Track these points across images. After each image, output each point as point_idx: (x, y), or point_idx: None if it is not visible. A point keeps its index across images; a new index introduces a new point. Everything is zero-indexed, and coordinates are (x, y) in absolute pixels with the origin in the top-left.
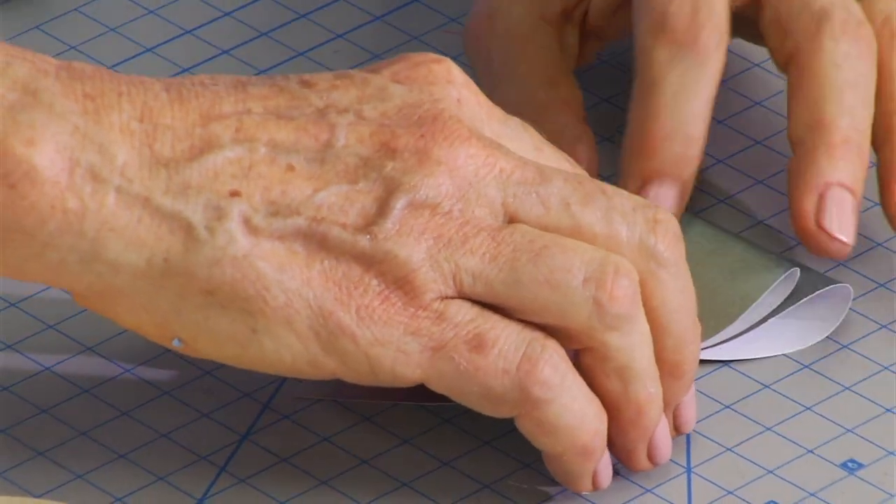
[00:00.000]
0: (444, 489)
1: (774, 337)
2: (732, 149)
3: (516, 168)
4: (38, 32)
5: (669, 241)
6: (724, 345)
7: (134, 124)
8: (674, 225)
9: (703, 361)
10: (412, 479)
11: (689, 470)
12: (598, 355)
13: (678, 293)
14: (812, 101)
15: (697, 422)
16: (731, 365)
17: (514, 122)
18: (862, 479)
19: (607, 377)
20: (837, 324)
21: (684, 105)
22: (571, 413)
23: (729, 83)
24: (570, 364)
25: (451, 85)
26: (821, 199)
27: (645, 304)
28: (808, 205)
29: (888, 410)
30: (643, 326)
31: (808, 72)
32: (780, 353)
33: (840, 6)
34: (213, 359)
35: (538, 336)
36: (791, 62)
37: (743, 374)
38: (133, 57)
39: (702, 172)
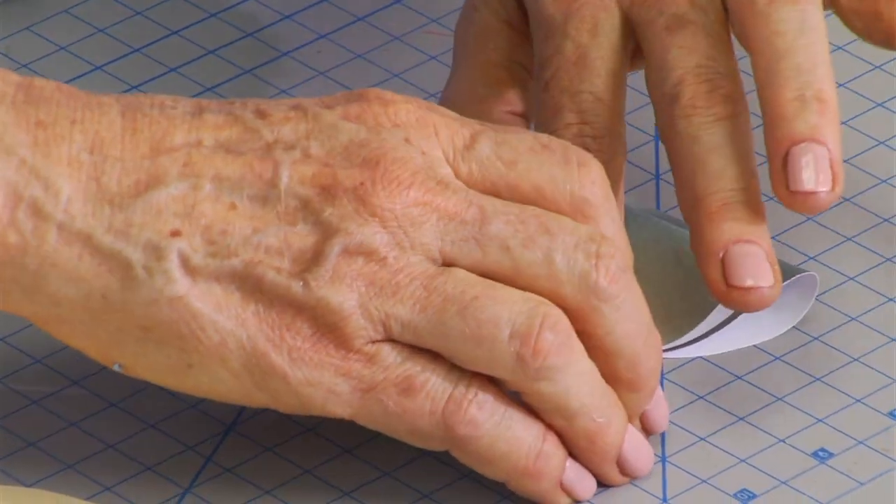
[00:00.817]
0: (425, 478)
1: (745, 328)
2: None
3: (458, 210)
4: (28, 33)
5: (612, 275)
6: (696, 343)
7: (84, 155)
8: (617, 258)
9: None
10: (395, 468)
11: (663, 460)
12: (533, 399)
13: (624, 322)
14: (760, 70)
15: (672, 412)
16: (704, 357)
17: (483, 145)
18: (832, 468)
19: (548, 416)
20: (805, 312)
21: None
22: (503, 442)
23: None
24: (500, 398)
25: (398, 128)
26: (787, 157)
27: (591, 335)
28: (777, 169)
29: (858, 401)
30: (579, 367)
31: (753, 46)
32: (750, 344)
33: None
34: (153, 382)
35: (465, 376)
36: (741, 38)
37: (716, 365)
38: (121, 57)
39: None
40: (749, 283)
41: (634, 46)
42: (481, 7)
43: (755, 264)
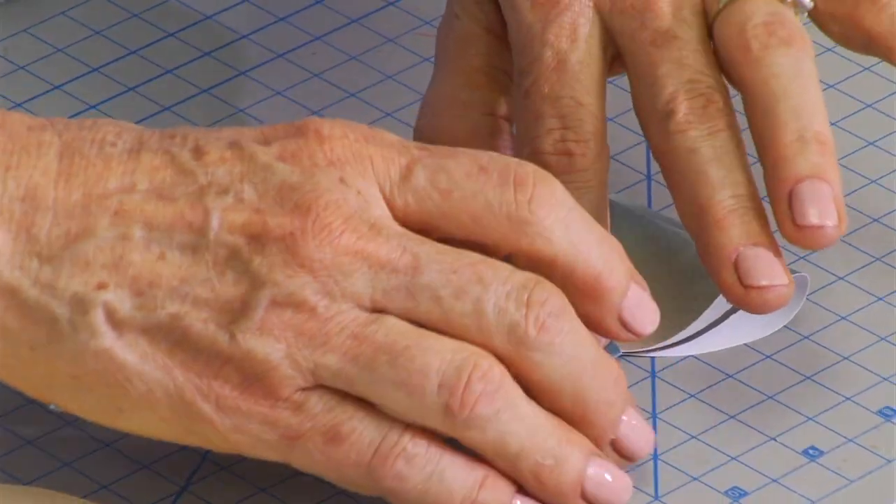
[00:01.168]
0: None
1: (737, 327)
2: None
3: (390, 258)
4: (26, 35)
5: (541, 323)
6: (688, 341)
7: (15, 205)
8: (549, 304)
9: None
10: None
11: (655, 457)
12: (469, 445)
13: (562, 366)
14: (757, 113)
15: (664, 411)
16: (696, 355)
17: (418, 175)
18: (822, 466)
19: (490, 460)
20: (796, 311)
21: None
22: (433, 494)
23: None
24: (433, 447)
25: (332, 167)
26: (792, 195)
27: (528, 380)
28: (782, 207)
29: (848, 399)
30: (516, 412)
31: (749, 89)
32: (742, 342)
33: (764, 12)
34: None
35: (396, 427)
36: (735, 83)
37: (707, 363)
38: (118, 59)
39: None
40: (765, 282)
41: (614, 52)
42: (462, 14)
43: (769, 265)
